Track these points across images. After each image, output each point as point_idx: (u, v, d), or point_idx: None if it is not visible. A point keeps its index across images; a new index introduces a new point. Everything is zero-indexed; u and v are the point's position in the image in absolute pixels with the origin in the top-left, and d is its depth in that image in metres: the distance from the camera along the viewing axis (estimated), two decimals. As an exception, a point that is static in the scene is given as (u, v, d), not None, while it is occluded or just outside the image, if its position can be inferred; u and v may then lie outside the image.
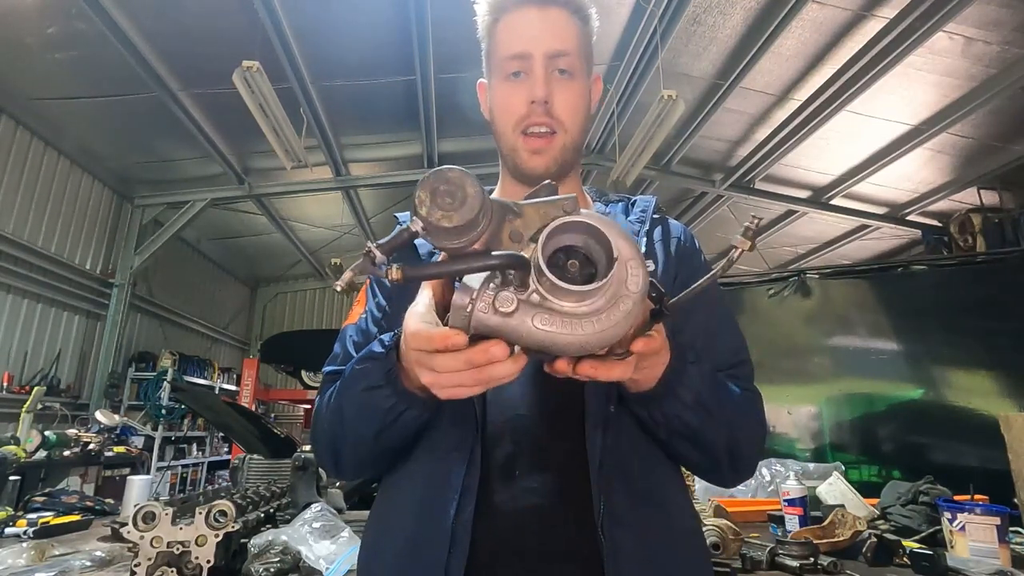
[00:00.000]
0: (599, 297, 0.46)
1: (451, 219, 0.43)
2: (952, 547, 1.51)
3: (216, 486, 2.80)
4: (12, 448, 2.68)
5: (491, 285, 0.47)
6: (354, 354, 0.81)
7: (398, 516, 0.73)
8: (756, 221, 0.49)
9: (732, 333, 0.84)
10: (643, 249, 0.82)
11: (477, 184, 0.44)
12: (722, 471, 0.76)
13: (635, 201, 0.91)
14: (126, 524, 1.10)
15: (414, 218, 0.45)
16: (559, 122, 0.79)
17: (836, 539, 1.55)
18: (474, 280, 0.48)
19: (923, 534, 1.69)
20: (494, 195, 0.91)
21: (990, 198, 5.84)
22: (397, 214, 0.90)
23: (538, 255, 0.45)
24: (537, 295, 0.46)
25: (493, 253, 0.47)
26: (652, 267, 0.50)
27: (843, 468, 2.43)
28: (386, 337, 0.67)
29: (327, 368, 0.84)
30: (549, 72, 0.78)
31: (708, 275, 0.52)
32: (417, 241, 0.81)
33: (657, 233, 0.86)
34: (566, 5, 0.79)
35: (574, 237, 0.48)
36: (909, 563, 1.43)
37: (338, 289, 0.48)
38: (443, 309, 0.53)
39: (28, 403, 3.36)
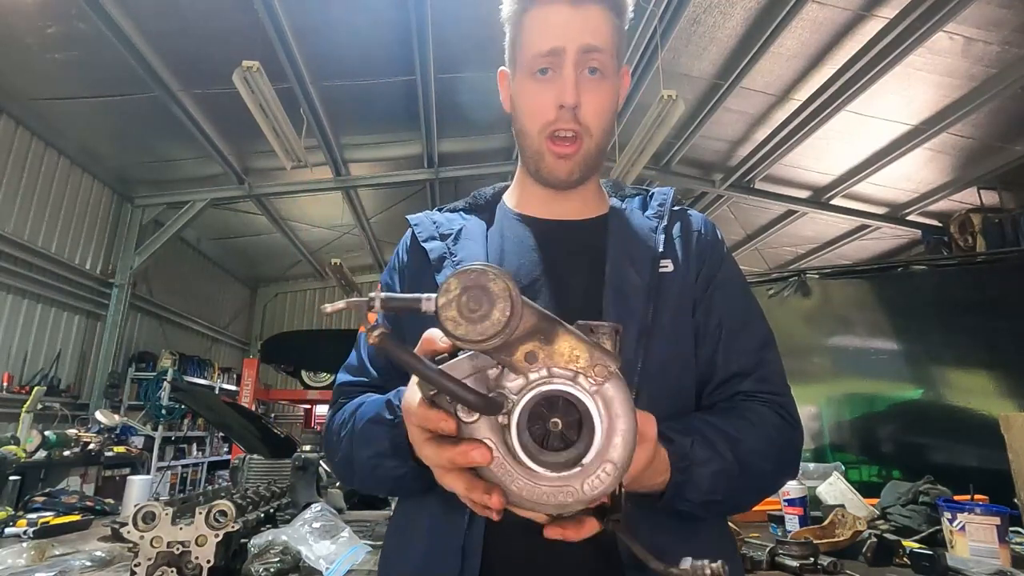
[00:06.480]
0: (548, 474, 0.44)
1: (456, 326, 0.41)
2: (952, 547, 1.51)
3: (216, 486, 2.80)
4: (12, 448, 2.68)
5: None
6: (368, 365, 0.81)
7: (413, 531, 0.73)
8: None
9: (755, 328, 0.79)
10: (661, 248, 0.78)
11: (509, 310, 0.41)
12: (749, 509, 0.77)
13: (653, 194, 0.88)
14: (126, 524, 1.10)
15: (433, 297, 0.43)
16: (586, 128, 0.75)
17: (836, 539, 1.55)
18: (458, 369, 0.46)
19: (923, 534, 1.69)
20: (509, 191, 0.90)
21: (990, 198, 5.84)
22: (408, 216, 0.88)
23: (514, 416, 0.44)
24: (504, 419, 0.45)
25: (472, 390, 0.44)
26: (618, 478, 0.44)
27: (843, 468, 2.43)
28: (396, 398, 0.65)
29: (341, 377, 0.83)
30: (579, 71, 0.73)
31: None
32: (427, 247, 0.81)
33: (676, 229, 0.82)
34: (602, 0, 0.74)
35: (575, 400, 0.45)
36: (909, 563, 1.43)
37: (327, 311, 0.46)
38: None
39: (28, 403, 3.36)
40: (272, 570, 1.24)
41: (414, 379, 0.52)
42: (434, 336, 0.48)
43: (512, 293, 0.41)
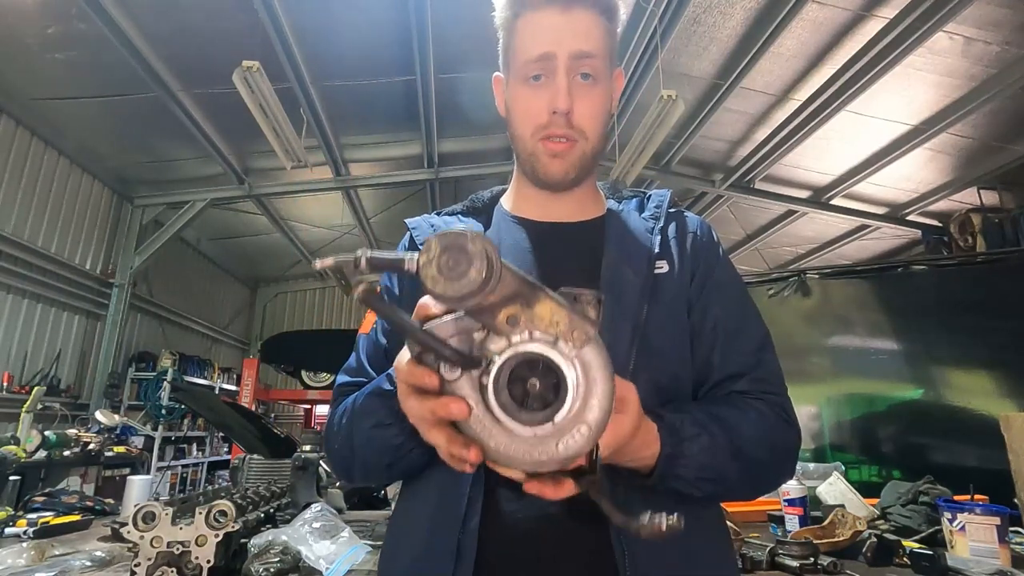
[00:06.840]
0: (523, 430, 0.45)
1: (436, 283, 0.42)
2: (952, 547, 1.51)
3: (216, 486, 2.80)
4: (12, 448, 2.68)
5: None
6: (367, 366, 0.81)
7: (412, 526, 0.74)
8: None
9: (751, 330, 0.79)
10: (657, 248, 0.79)
11: (486, 270, 0.41)
12: (747, 498, 0.77)
13: (650, 196, 0.88)
14: (126, 524, 1.11)
15: (415, 257, 0.43)
16: (580, 131, 0.76)
17: (836, 539, 1.55)
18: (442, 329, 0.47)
19: (923, 534, 1.69)
20: (507, 194, 0.91)
21: (990, 198, 5.84)
22: (407, 220, 0.89)
23: (491, 375, 0.45)
24: (484, 379, 0.46)
25: (448, 345, 0.46)
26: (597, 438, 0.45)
27: (843, 468, 2.42)
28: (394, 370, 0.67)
29: (340, 378, 0.83)
30: (571, 77, 0.73)
31: None
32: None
33: (672, 229, 0.83)
34: (593, 5, 0.74)
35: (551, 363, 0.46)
36: (909, 563, 1.43)
37: (317, 266, 0.47)
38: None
39: (28, 403, 3.36)
40: (272, 570, 1.24)
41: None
42: (427, 303, 0.49)
43: (489, 254, 0.42)
